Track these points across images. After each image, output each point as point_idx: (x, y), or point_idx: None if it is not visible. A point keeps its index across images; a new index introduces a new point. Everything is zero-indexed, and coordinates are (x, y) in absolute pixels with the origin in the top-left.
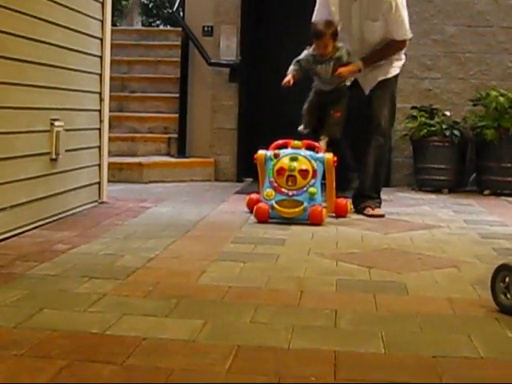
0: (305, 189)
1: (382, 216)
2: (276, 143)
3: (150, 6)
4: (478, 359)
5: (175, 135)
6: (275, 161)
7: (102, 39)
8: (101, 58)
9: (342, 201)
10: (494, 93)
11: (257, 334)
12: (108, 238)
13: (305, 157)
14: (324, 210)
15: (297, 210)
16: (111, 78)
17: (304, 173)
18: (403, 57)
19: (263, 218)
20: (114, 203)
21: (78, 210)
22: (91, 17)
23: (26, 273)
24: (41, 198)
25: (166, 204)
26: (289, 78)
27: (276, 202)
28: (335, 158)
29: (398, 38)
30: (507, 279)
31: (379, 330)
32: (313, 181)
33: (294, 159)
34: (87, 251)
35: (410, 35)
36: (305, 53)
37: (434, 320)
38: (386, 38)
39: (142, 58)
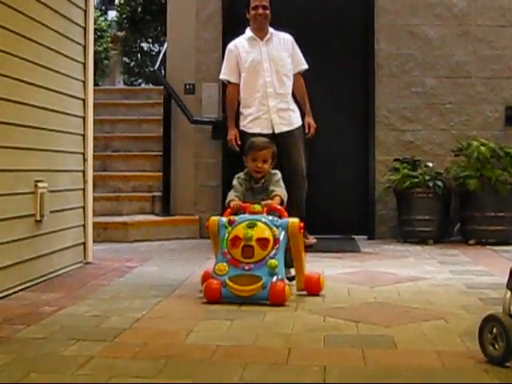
0: (264, 261)
1: (313, 243)
2: (233, 206)
3: (132, 64)
4: None
5: (159, 193)
6: (229, 228)
7: (84, 100)
8: (83, 118)
9: (313, 276)
10: (475, 143)
11: None
12: (94, 298)
13: (265, 223)
14: (287, 287)
15: (254, 286)
16: (94, 138)
17: (263, 242)
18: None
19: (213, 298)
20: (99, 263)
21: (63, 270)
22: (73, 78)
23: (13, 336)
24: (26, 260)
25: (152, 263)
26: (236, 203)
27: (229, 278)
28: (301, 224)
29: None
30: (495, 330)
31: None
32: (274, 251)
33: (251, 226)
34: (74, 313)
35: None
36: (235, 182)
37: (422, 373)
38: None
39: (125, 117)
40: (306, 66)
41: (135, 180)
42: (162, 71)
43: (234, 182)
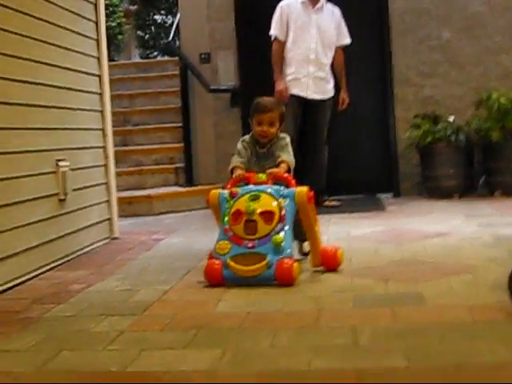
0: (269, 237)
1: (340, 205)
2: (235, 177)
3: (146, 37)
4: (500, 364)
5: (182, 164)
6: (231, 202)
7: (99, 76)
8: (100, 94)
9: (330, 249)
10: (495, 94)
11: (277, 358)
12: (122, 273)
13: (270, 194)
14: (295, 265)
15: (258, 266)
16: (113, 113)
17: (267, 215)
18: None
19: (214, 280)
20: (126, 238)
21: (90, 247)
22: (87, 54)
23: (43, 316)
24: (52, 240)
25: (177, 234)
26: (238, 174)
27: (231, 258)
28: (311, 193)
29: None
30: None
31: (399, 344)
32: (280, 225)
33: (254, 198)
34: (103, 289)
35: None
36: (239, 146)
37: (453, 328)
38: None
39: (143, 91)
40: (349, 41)
41: (157, 153)
42: (177, 42)
43: (239, 145)
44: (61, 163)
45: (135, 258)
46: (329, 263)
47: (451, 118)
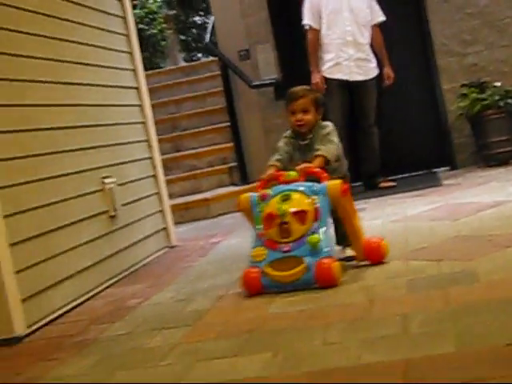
0: (304, 238)
1: (394, 186)
2: (264, 178)
3: (189, 40)
4: None
5: (235, 163)
6: (262, 205)
7: (137, 87)
8: (140, 106)
9: (372, 242)
10: None
11: (328, 356)
12: (180, 282)
13: (301, 192)
14: (335, 265)
15: (296, 270)
16: (161, 121)
17: (300, 215)
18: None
19: (253, 290)
20: (184, 245)
21: (148, 259)
22: (122, 68)
23: (99, 336)
24: (107, 257)
25: (236, 235)
26: (267, 174)
27: (268, 264)
28: (345, 185)
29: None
30: None
31: (451, 327)
32: (315, 224)
33: (286, 199)
34: (158, 301)
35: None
36: (280, 143)
37: (506, 305)
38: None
39: (189, 95)
40: (383, 18)
41: (209, 155)
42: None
43: (280, 142)
44: (106, 180)
45: (192, 265)
46: (373, 256)
47: (498, 83)
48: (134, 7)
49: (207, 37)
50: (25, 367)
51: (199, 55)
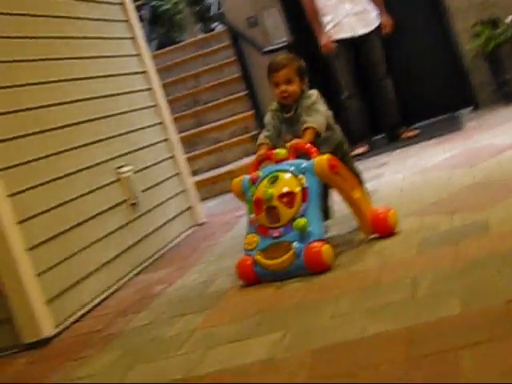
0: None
1: (417, 134)
2: (256, 158)
3: (202, 10)
4: None
5: (257, 132)
6: (253, 188)
7: (145, 71)
8: (150, 89)
9: (380, 213)
10: None
11: (334, 331)
12: (203, 263)
13: (290, 172)
14: (325, 248)
15: (285, 257)
16: (183, 96)
17: (287, 198)
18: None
19: (248, 279)
20: (210, 221)
21: (175, 242)
22: (127, 55)
23: (124, 329)
24: (132, 245)
25: None
26: (258, 155)
27: (260, 252)
28: (334, 160)
29: None
30: None
31: (457, 287)
32: (303, 206)
33: (273, 181)
34: (182, 285)
35: None
36: (266, 117)
37: None
38: None
39: (206, 67)
40: None
41: (231, 125)
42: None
43: (266, 116)
44: (122, 169)
45: (216, 242)
46: (381, 229)
47: (509, 19)
48: None
49: (215, 7)
50: (52, 369)
51: (215, 24)
